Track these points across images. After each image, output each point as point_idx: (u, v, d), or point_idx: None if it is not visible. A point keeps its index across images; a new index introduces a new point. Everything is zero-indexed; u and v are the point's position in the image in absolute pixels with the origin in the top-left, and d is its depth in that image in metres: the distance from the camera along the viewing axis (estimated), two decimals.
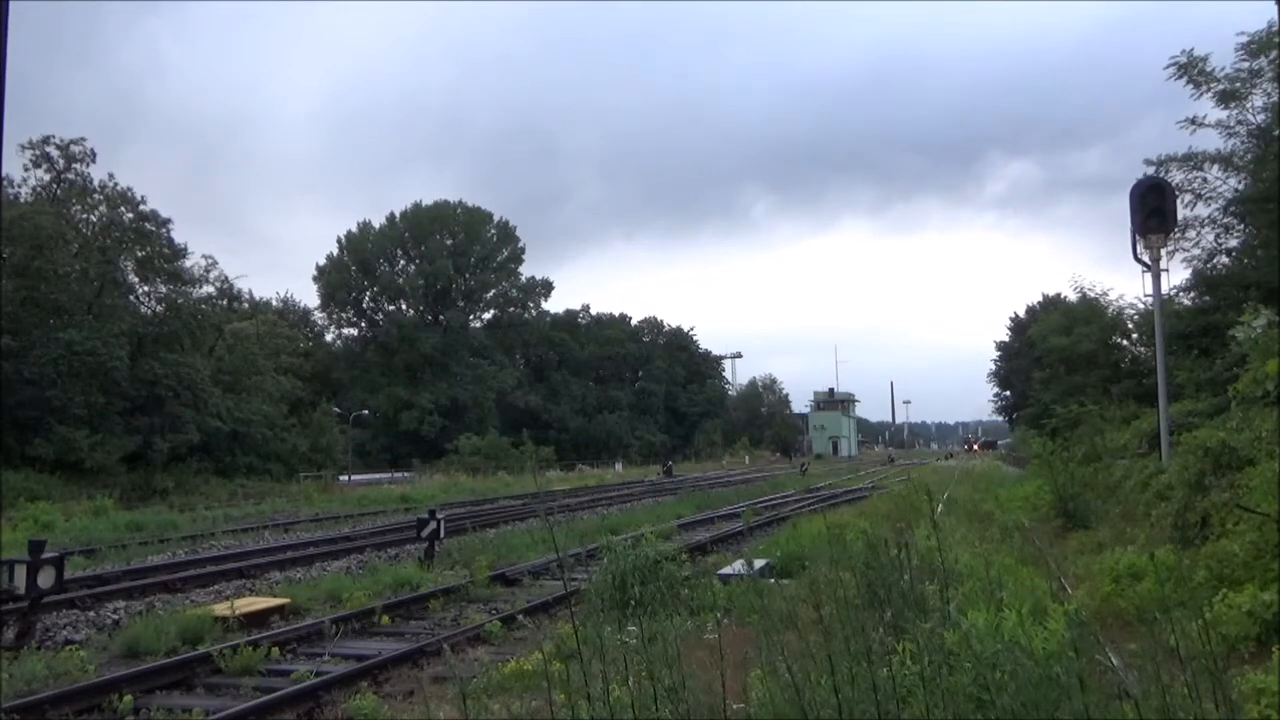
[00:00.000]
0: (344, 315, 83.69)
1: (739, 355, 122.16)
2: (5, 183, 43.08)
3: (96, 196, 44.74)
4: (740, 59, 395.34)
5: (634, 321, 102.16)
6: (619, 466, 73.37)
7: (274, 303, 73.48)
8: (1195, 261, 21.19)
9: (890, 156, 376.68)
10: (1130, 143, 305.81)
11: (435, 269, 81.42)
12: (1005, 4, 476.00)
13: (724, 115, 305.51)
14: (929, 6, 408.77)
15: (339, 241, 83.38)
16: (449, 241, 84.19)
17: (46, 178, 44.29)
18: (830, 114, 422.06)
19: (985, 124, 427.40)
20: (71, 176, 44.41)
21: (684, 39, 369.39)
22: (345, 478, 53.04)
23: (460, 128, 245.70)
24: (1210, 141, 19.80)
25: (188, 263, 47.74)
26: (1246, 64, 18.22)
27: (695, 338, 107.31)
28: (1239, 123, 19.09)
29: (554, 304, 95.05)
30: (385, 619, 11.38)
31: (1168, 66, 19.01)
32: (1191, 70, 18.81)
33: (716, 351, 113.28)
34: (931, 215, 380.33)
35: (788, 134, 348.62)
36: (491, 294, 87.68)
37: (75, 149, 44.00)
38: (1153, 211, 16.75)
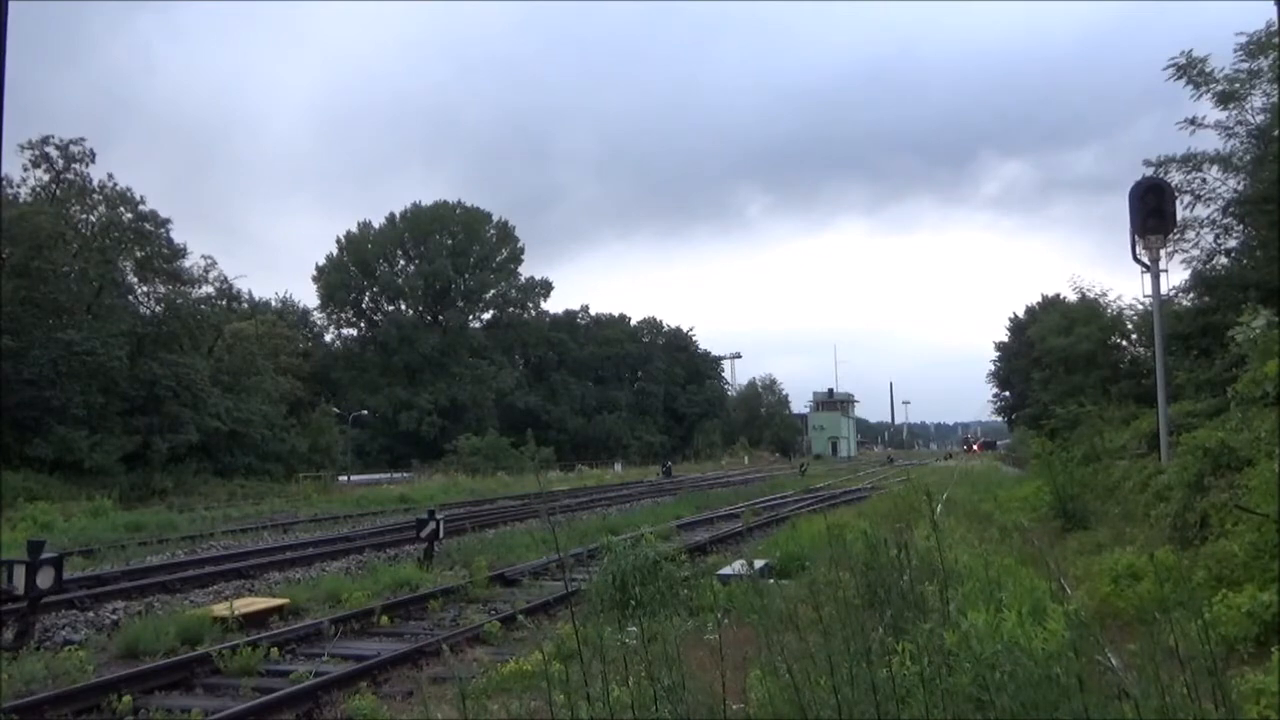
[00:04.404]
0: (343, 315, 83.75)
1: (738, 355, 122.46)
2: (5, 183, 43.11)
3: (96, 197, 44.72)
4: (734, 58, 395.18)
5: (633, 322, 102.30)
6: (618, 467, 73.40)
7: (273, 303, 73.56)
8: (1194, 262, 21.16)
9: (885, 156, 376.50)
10: (1125, 143, 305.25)
11: (434, 269, 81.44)
12: (999, 4, 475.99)
13: (718, 115, 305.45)
14: (922, 6, 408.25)
15: (338, 242, 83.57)
16: (448, 242, 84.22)
17: (45, 178, 44.30)
18: (824, 114, 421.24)
19: (979, 124, 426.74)
20: (70, 177, 44.39)
21: (677, 39, 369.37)
22: (344, 478, 53.05)
23: (454, 128, 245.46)
24: (1209, 142, 19.80)
25: (187, 263, 47.80)
26: (1246, 65, 18.22)
27: (694, 338, 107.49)
28: (1238, 123, 19.08)
29: (552, 304, 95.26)
30: (384, 619, 11.38)
31: (1167, 67, 19.00)
32: (1191, 71, 18.79)
33: (715, 352, 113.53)
34: (927, 215, 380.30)
35: (782, 133, 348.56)
36: (491, 294, 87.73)
37: (74, 149, 44.00)
38: (1152, 212, 16.74)
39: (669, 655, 3.49)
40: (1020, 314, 56.07)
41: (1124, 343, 29.80)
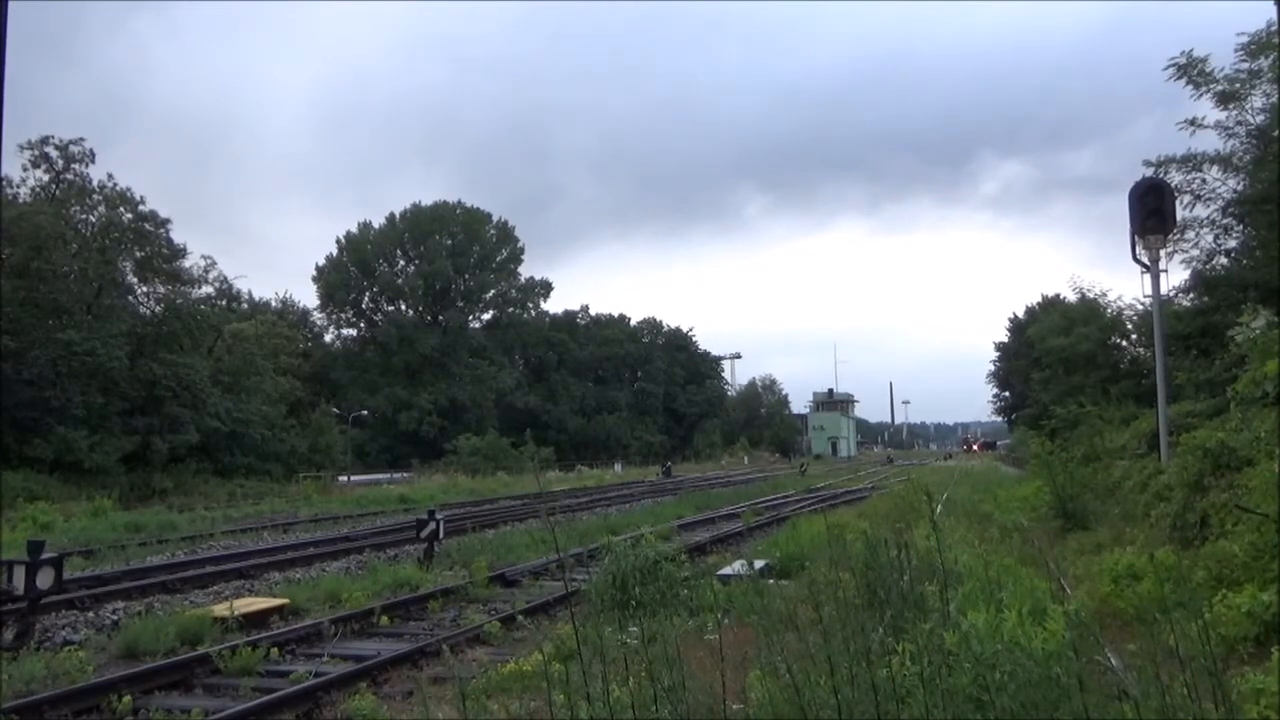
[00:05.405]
0: (343, 315, 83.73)
1: (738, 356, 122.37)
2: (5, 183, 43.09)
3: (95, 197, 44.70)
4: (733, 58, 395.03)
5: (633, 322, 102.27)
6: (618, 467, 73.38)
7: (273, 303, 73.52)
8: (1194, 262, 21.19)
9: (883, 156, 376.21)
10: (1123, 143, 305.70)
11: (434, 269, 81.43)
12: (997, 4, 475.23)
13: (717, 115, 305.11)
14: (920, 6, 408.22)
15: (338, 242, 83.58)
16: (448, 242, 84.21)
17: (45, 178, 44.29)
18: (823, 113, 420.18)
19: (977, 124, 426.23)
20: (70, 177, 44.39)
21: (677, 39, 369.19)
22: (344, 478, 53.02)
23: (452, 127, 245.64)
24: (1209, 143, 19.81)
25: (187, 263, 47.78)
26: (1246, 65, 18.22)
27: (694, 338, 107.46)
28: (1238, 124, 19.08)
29: (552, 304, 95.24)
30: (384, 619, 11.39)
31: (1167, 67, 19.01)
32: (1191, 71, 18.80)
33: (715, 352, 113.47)
34: (925, 215, 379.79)
35: (780, 133, 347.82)
36: (490, 294, 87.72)
37: (74, 149, 44.00)
38: (1152, 212, 16.74)
39: (669, 655, 3.49)
40: (1020, 314, 56.11)
41: (1124, 343, 29.82)
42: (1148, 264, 17.13)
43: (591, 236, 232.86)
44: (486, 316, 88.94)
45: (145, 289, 46.75)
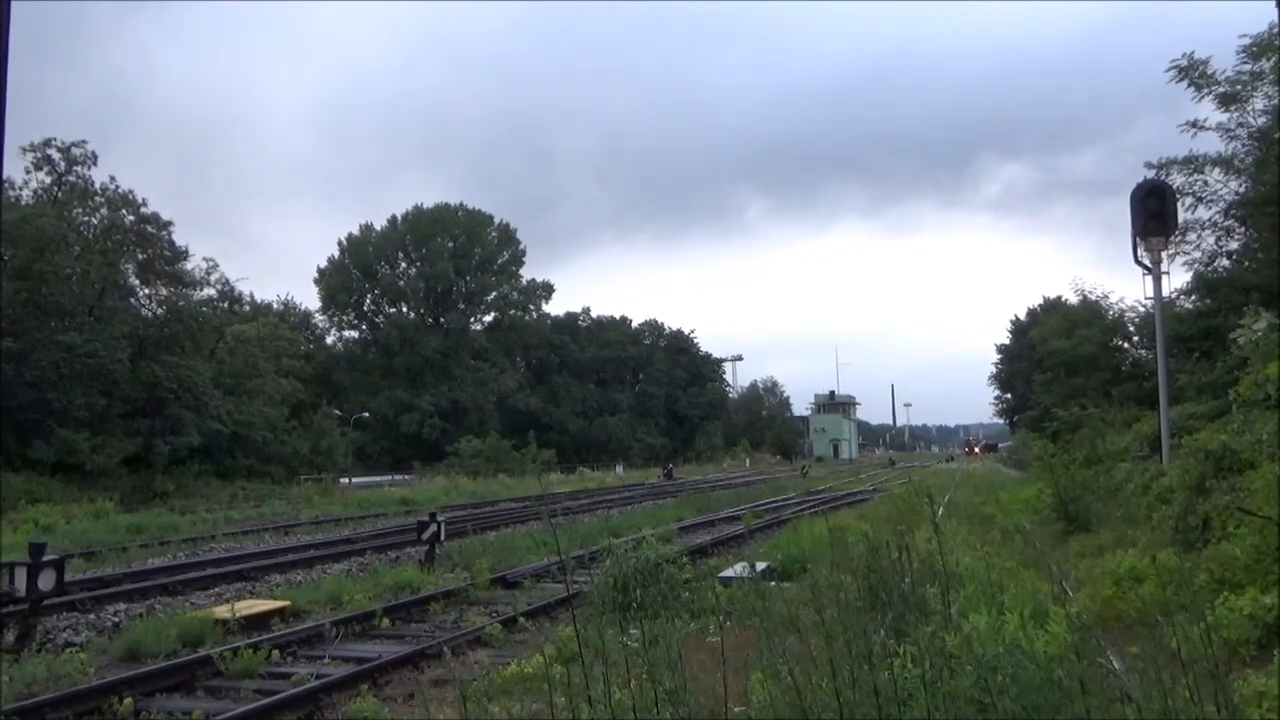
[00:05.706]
0: (345, 318, 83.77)
1: (739, 358, 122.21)
2: (7, 185, 43.10)
3: (98, 199, 44.73)
4: (733, 58, 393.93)
5: (634, 324, 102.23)
6: (620, 469, 73.36)
7: (275, 305, 73.55)
8: (1196, 264, 21.20)
9: (884, 158, 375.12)
10: (1124, 145, 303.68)
11: (436, 271, 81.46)
12: (997, 5, 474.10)
13: (718, 115, 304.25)
14: (921, 7, 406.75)
15: (340, 244, 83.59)
16: (450, 244, 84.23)
17: (48, 180, 44.29)
18: (823, 115, 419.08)
19: (978, 125, 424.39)
20: (72, 179, 44.40)
21: (677, 39, 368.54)
22: (346, 480, 53.01)
23: (452, 128, 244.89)
24: (1211, 144, 19.81)
25: (189, 265, 47.80)
26: (1248, 67, 18.22)
27: (695, 340, 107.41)
28: (1240, 126, 19.08)
29: (553, 306, 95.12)
30: (386, 621, 11.39)
31: (1169, 69, 19.02)
32: (1192, 73, 18.81)
33: (717, 354, 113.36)
34: (926, 217, 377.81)
35: (781, 135, 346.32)
36: (492, 296, 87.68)
37: (76, 151, 43.98)
38: (1153, 214, 16.76)
39: (670, 658, 3.49)
40: (1022, 316, 56.13)
41: (1125, 345, 29.81)
42: (1149, 266, 17.15)
43: (592, 238, 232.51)
44: (488, 319, 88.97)
45: (147, 291, 46.79)
